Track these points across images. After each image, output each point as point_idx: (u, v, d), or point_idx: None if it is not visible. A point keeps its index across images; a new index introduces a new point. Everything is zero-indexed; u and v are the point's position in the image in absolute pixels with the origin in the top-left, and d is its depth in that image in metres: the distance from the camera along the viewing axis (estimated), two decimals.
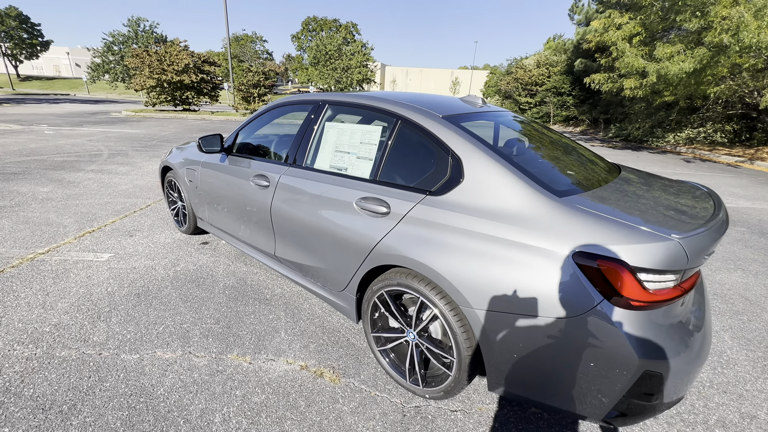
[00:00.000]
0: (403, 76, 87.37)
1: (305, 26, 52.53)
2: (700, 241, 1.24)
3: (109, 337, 2.12)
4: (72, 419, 1.59)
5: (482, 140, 1.63)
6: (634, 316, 1.19)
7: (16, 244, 3.23)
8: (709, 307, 1.68)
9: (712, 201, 1.67)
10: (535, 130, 2.38)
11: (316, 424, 1.64)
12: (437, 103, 2.00)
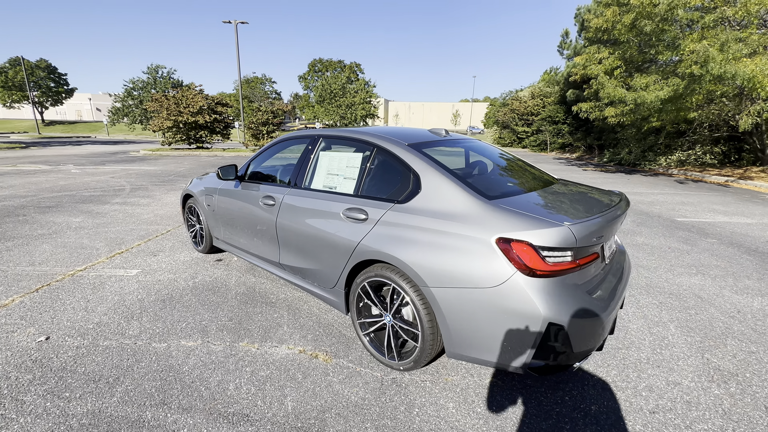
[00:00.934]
0: (405, 110, 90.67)
1: (311, 67, 55.68)
2: (586, 228, 1.69)
3: (141, 331, 2.56)
4: (117, 387, 2.01)
5: (435, 161, 2.14)
6: (538, 282, 1.62)
7: (57, 264, 3.74)
8: (623, 286, 2.08)
9: (614, 202, 2.13)
10: (494, 153, 2.90)
11: (311, 390, 2.03)
12: (406, 134, 2.54)
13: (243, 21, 18.35)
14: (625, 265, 2.31)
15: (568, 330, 1.63)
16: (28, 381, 2.04)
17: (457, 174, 2.06)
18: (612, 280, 2.01)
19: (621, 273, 2.16)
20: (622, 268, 2.24)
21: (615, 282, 2.01)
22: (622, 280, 2.12)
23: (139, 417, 1.81)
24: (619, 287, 2.01)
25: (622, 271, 2.21)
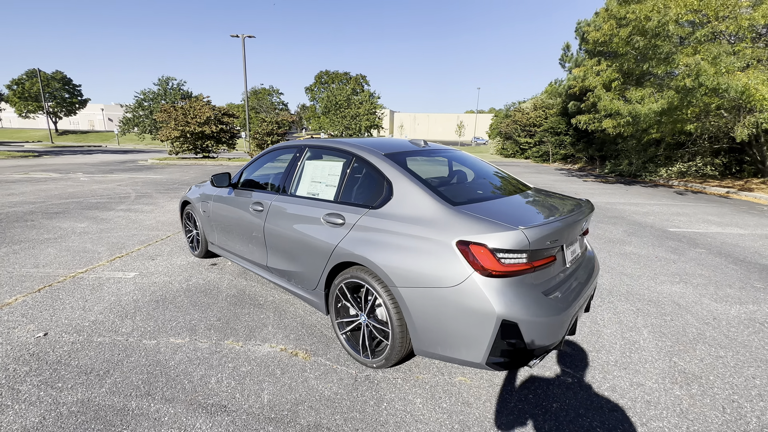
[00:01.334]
0: (411, 121, 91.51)
1: (318, 79, 56.70)
2: (540, 231, 1.82)
3: (133, 329, 2.70)
4: (106, 378, 2.14)
5: (408, 169, 2.28)
6: (493, 282, 1.74)
7: (60, 266, 3.92)
8: (588, 290, 2.19)
9: (575, 208, 2.25)
10: (474, 162, 3.07)
11: (287, 384, 2.15)
12: (385, 144, 2.69)
13: (250, 35, 18.95)
14: (592, 270, 2.41)
15: (521, 327, 1.74)
16: (25, 372, 2.19)
17: (426, 182, 2.20)
18: (573, 282, 2.11)
19: (586, 277, 2.26)
20: (589, 272, 2.35)
21: (577, 285, 2.11)
22: (587, 283, 2.22)
23: (125, 406, 1.94)
24: (582, 290, 2.12)
25: (588, 275, 2.31)
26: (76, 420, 1.83)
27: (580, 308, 2.12)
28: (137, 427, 1.80)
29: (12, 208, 6.71)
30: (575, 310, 1.99)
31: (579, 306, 2.05)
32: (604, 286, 3.72)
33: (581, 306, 2.13)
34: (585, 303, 2.24)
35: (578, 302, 2.03)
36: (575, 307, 1.99)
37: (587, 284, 2.23)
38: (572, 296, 2.00)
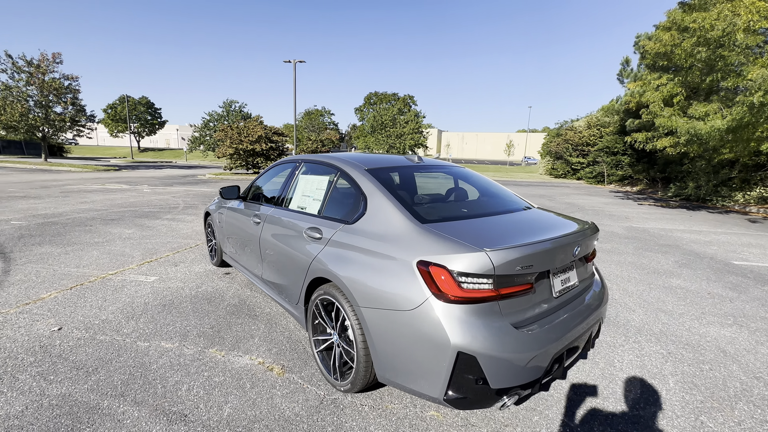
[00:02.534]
0: (459, 140, 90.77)
1: (367, 100, 58.69)
2: (509, 255, 1.62)
3: (133, 330, 2.86)
4: (92, 375, 2.26)
5: (386, 184, 2.20)
6: (451, 308, 1.58)
7: (97, 268, 4.31)
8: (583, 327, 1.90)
9: (567, 231, 2.00)
10: (477, 179, 2.93)
11: (252, 400, 2.11)
12: (371, 159, 2.64)
13: (301, 60, 20.30)
14: (597, 303, 2.12)
15: (480, 362, 1.54)
16: (29, 363, 2.38)
17: (402, 198, 2.10)
18: (563, 316, 1.86)
19: (585, 311, 1.98)
20: (591, 305, 2.06)
21: (567, 319, 1.86)
22: (584, 319, 1.94)
23: (97, 404, 2.02)
24: (574, 326, 1.85)
25: (589, 309, 2.03)
26: (51, 413, 1.94)
27: (572, 347, 1.86)
28: (99, 427, 1.86)
29: (79, 214, 7.60)
30: (559, 348, 1.74)
31: (567, 344, 1.79)
32: (633, 323, 3.26)
33: (573, 345, 1.86)
34: (582, 341, 1.96)
35: (565, 339, 1.78)
36: (559, 344, 1.74)
37: (585, 319, 1.95)
38: (557, 332, 1.75)
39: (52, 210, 7.93)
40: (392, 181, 2.35)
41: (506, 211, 2.41)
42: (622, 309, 3.58)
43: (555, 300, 1.89)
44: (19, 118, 21.52)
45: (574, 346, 1.90)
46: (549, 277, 1.87)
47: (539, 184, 21.42)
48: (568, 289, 1.99)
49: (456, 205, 2.69)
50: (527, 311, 1.73)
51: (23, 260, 4.47)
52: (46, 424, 1.86)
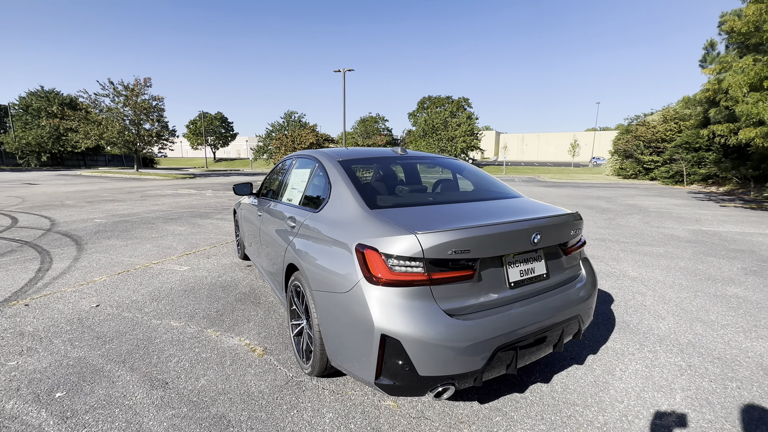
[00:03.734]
0: (518, 142, 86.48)
1: (420, 104, 58.68)
2: (439, 238, 1.56)
3: (153, 310, 3.23)
4: (107, 344, 2.61)
5: (350, 173, 2.24)
6: (378, 290, 1.57)
7: (144, 258, 4.92)
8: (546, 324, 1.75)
9: (524, 217, 1.86)
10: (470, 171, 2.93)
11: (226, 375, 2.27)
12: (349, 152, 2.70)
13: (350, 69, 21.07)
14: (567, 299, 1.92)
15: (406, 346, 1.51)
16: (65, 331, 2.82)
17: (361, 185, 2.13)
18: (518, 309, 1.73)
19: (552, 307, 1.82)
20: (561, 301, 1.89)
21: (523, 313, 1.72)
22: (550, 316, 1.79)
23: (101, 368, 2.33)
24: (531, 321, 1.72)
25: (558, 305, 1.86)
26: (65, 371, 2.28)
27: (530, 343, 1.72)
28: (96, 385, 2.15)
29: (148, 214, 8.70)
30: (504, 342, 1.62)
31: (517, 339, 1.67)
32: (657, 331, 2.88)
33: (530, 341, 1.72)
34: (550, 339, 1.80)
35: (515, 334, 1.66)
36: (506, 338, 1.62)
37: (552, 315, 1.79)
38: (503, 325, 1.64)
39: (128, 211, 9.18)
40: (359, 171, 2.39)
41: (482, 198, 2.32)
42: (649, 316, 3.16)
43: (510, 291, 1.77)
44: (117, 135, 25.27)
45: (532, 342, 1.75)
46: (503, 266, 1.76)
47: (602, 185, 19.54)
48: (530, 280, 1.85)
49: (428, 194, 2.68)
50: (468, 299, 1.65)
51: (92, 250, 5.26)
52: (58, 379, 2.20)
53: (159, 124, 27.72)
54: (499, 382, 2.22)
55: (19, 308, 3.23)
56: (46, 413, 1.91)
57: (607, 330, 2.90)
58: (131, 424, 1.84)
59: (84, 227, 6.92)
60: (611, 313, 3.24)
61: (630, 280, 4.14)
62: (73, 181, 19.11)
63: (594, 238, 6.26)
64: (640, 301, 3.50)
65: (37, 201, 10.85)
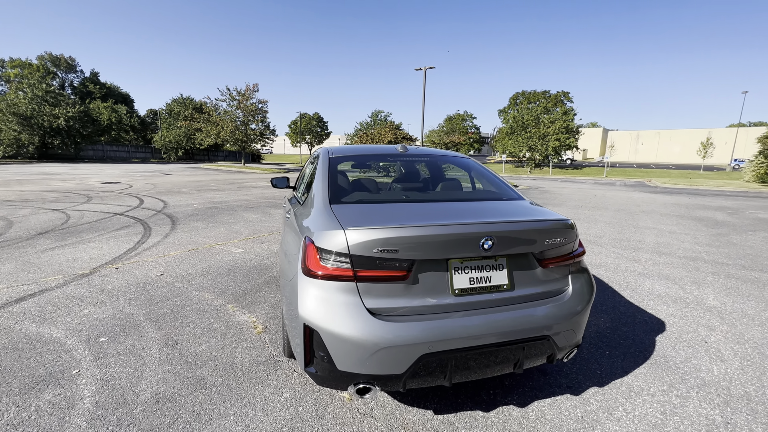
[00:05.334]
0: (631, 141, 75.20)
1: (512, 100, 55.12)
2: (366, 235, 1.54)
3: (198, 282, 3.79)
4: (151, 306, 3.17)
5: (331, 169, 2.33)
6: (309, 281, 1.63)
7: (213, 239, 5.74)
8: (488, 340, 1.61)
9: (470, 222, 1.72)
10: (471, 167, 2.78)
11: (222, 345, 2.58)
12: (348, 149, 2.80)
13: (431, 66, 20.92)
14: (531, 317, 1.70)
15: (324, 338, 1.54)
16: (130, 291, 3.51)
17: (335, 181, 2.20)
18: (461, 318, 1.61)
19: (510, 323, 1.65)
20: (523, 319, 1.68)
21: (467, 324, 1.60)
22: (506, 332, 1.63)
23: (139, 323, 2.85)
24: (475, 334, 1.59)
25: (518, 322, 1.67)
26: (114, 323, 2.86)
27: (463, 356, 1.59)
28: (129, 336, 2.65)
29: (235, 203, 10.03)
30: (430, 350, 1.53)
31: (447, 349, 1.56)
32: (706, 374, 2.33)
33: (462, 353, 1.59)
34: (504, 357, 1.64)
35: (448, 344, 1.55)
36: (432, 347, 1.53)
37: (502, 331, 1.62)
38: (433, 333, 1.54)
39: (222, 198, 10.71)
40: (351, 167, 2.46)
41: (466, 199, 2.20)
42: (704, 354, 2.56)
43: (453, 298, 1.65)
44: (229, 134, 29.51)
45: (476, 357, 1.62)
46: (448, 271, 1.65)
47: (732, 194, 15.79)
48: (483, 290, 1.69)
49: (409, 191, 2.65)
50: (399, 300, 1.60)
51: (180, 230, 6.33)
52: (105, 327, 2.77)
53: (262, 124, 31.49)
54: (466, 395, 2.08)
55: (111, 270, 4.11)
56: (87, 352, 2.44)
57: (632, 362, 2.45)
58: (136, 371, 2.24)
59: (183, 210, 8.32)
60: (651, 343, 2.71)
61: (703, 309, 3.37)
62: (195, 173, 22.93)
63: (680, 256, 5.20)
64: (701, 336, 2.84)
65: (163, 188, 13.36)
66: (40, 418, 1.83)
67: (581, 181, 24.48)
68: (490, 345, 1.62)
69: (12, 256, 4.54)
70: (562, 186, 19.03)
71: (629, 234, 6.72)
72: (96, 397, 1.99)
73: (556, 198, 12.60)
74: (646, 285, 4.00)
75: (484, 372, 1.69)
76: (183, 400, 2.00)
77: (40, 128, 32.26)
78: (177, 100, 47.58)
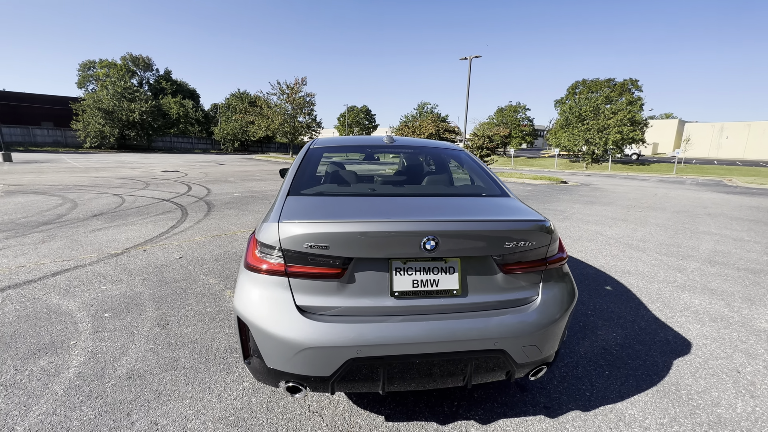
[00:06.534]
0: (713, 134, 66.50)
1: (571, 90, 51.21)
2: (293, 229, 1.48)
3: (208, 268, 3.99)
4: (160, 286, 3.39)
5: (304, 160, 2.28)
6: (247, 275, 1.61)
7: (237, 227, 6.02)
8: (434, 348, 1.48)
9: (412, 219, 1.59)
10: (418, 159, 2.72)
11: (208, 328, 2.68)
12: (333, 140, 2.72)
13: (477, 56, 19.96)
14: (485, 327, 1.53)
15: (252, 333, 1.51)
16: (148, 272, 3.79)
17: (302, 171, 2.15)
18: (398, 325, 1.49)
19: (459, 332, 1.50)
20: (464, 329, 1.51)
21: (402, 330, 1.48)
22: (439, 341, 1.48)
23: (143, 303, 3.07)
24: (408, 341, 1.46)
25: (470, 331, 1.51)
26: (123, 300, 3.10)
27: (399, 363, 1.47)
28: (130, 314, 2.86)
29: (272, 192, 10.46)
30: (358, 354, 1.43)
31: (379, 355, 1.44)
32: (728, 412, 1.96)
33: (397, 361, 1.47)
34: (426, 363, 1.50)
35: (378, 349, 1.44)
36: (361, 351, 1.43)
37: (447, 341, 1.48)
38: (363, 336, 1.44)
39: (260, 188, 11.24)
40: (332, 157, 2.41)
41: (440, 194, 2.07)
42: (727, 383, 2.16)
43: (393, 300, 1.53)
44: (279, 126, 30.88)
45: (416, 366, 1.49)
46: (390, 271, 1.53)
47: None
48: (428, 294, 1.55)
49: (381, 184, 2.55)
50: (332, 299, 1.51)
51: (212, 216, 6.74)
52: (113, 304, 3.01)
53: (309, 117, 32.51)
54: (427, 403, 1.95)
55: (139, 252, 4.48)
56: (90, 325, 2.67)
57: (633, 387, 2.14)
58: (123, 347, 2.41)
59: (222, 199, 8.85)
60: (665, 367, 2.35)
61: (748, 332, 2.86)
62: (245, 163, 24.33)
63: (740, 267, 4.47)
64: (734, 364, 2.41)
65: (213, 177, 14.33)
66: (29, 382, 2.03)
67: (644, 178, 22.14)
68: (431, 355, 1.49)
69: (65, 235, 5.13)
70: (619, 183, 17.35)
71: (682, 239, 5.93)
72: (80, 369, 2.16)
73: (606, 197, 11.50)
74: (684, 299, 3.49)
75: (425, 383, 1.56)
76: (152, 378, 2.10)
77: (119, 121, 36.18)
78: (234, 94, 50.76)
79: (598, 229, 6.59)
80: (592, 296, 3.47)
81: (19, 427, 1.71)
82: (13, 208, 6.90)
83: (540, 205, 9.19)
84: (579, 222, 7.17)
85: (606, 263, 4.53)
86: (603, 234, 6.18)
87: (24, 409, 1.83)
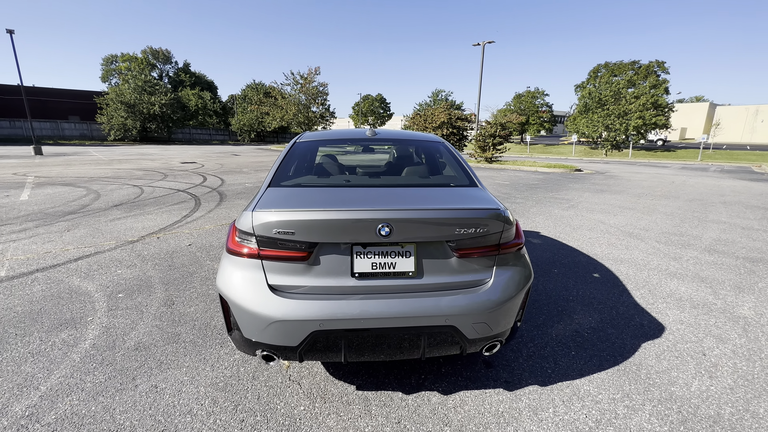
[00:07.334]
0: (747, 117, 62.92)
1: (593, 74, 49.28)
2: (264, 217, 1.67)
3: (215, 254, 4.27)
4: (170, 271, 3.69)
5: (289, 152, 2.47)
6: (228, 258, 1.82)
7: None
8: (393, 324, 1.66)
9: (366, 208, 1.76)
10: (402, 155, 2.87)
11: (208, 308, 2.94)
12: (321, 134, 2.90)
13: (490, 41, 19.51)
14: (437, 305, 1.69)
15: (231, 307, 1.72)
16: (158, 258, 4.10)
17: (286, 163, 2.35)
18: (357, 302, 1.67)
19: (412, 308, 1.67)
20: (418, 307, 1.68)
21: (360, 307, 1.66)
22: (394, 317, 1.66)
23: (153, 285, 3.36)
24: (366, 316, 1.64)
25: (422, 308, 1.68)
26: (135, 282, 3.41)
27: (357, 337, 1.67)
28: (140, 295, 3.15)
29: None
30: (320, 327, 1.63)
31: (339, 329, 1.64)
32: (691, 395, 2.07)
33: (355, 334, 1.66)
34: (381, 336, 1.68)
35: (339, 323, 1.63)
36: (323, 325, 1.63)
37: (401, 317, 1.65)
38: (324, 311, 1.64)
39: None
40: (318, 149, 2.60)
41: (409, 184, 2.25)
42: (690, 365, 2.26)
43: (353, 281, 1.71)
44: (292, 117, 31.20)
45: (373, 339, 1.68)
46: (351, 254, 1.71)
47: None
48: (385, 275, 1.72)
49: (359, 176, 2.70)
50: (299, 279, 1.71)
51: (223, 206, 7.06)
52: (128, 286, 3.32)
53: (323, 107, 32.66)
54: (396, 376, 2.15)
55: (153, 239, 4.81)
56: (105, 304, 2.98)
57: (595, 366, 2.27)
58: (133, 323, 2.69)
59: (234, 189, 9.20)
60: (632, 349, 2.45)
61: (727, 318, 2.91)
62: (260, 154, 24.82)
63: (739, 256, 4.42)
64: (701, 348, 2.49)
65: (228, 168, 14.77)
66: (52, 351, 2.33)
67: (665, 165, 21.39)
68: (387, 329, 1.67)
69: (88, 224, 5.53)
70: (637, 171, 16.87)
71: (687, 228, 5.86)
72: (95, 341, 2.46)
73: (619, 185, 11.27)
74: (670, 286, 3.53)
75: (383, 355, 1.75)
76: (156, 350, 2.37)
77: (141, 114, 37.33)
78: (250, 85, 51.32)
79: (601, 217, 6.56)
80: (577, 283, 3.56)
81: (42, 387, 2.01)
82: (42, 199, 7.42)
83: (546, 195, 9.13)
84: (583, 211, 7.14)
85: (600, 251, 4.57)
86: (605, 223, 6.16)
87: (47, 372, 2.13)
